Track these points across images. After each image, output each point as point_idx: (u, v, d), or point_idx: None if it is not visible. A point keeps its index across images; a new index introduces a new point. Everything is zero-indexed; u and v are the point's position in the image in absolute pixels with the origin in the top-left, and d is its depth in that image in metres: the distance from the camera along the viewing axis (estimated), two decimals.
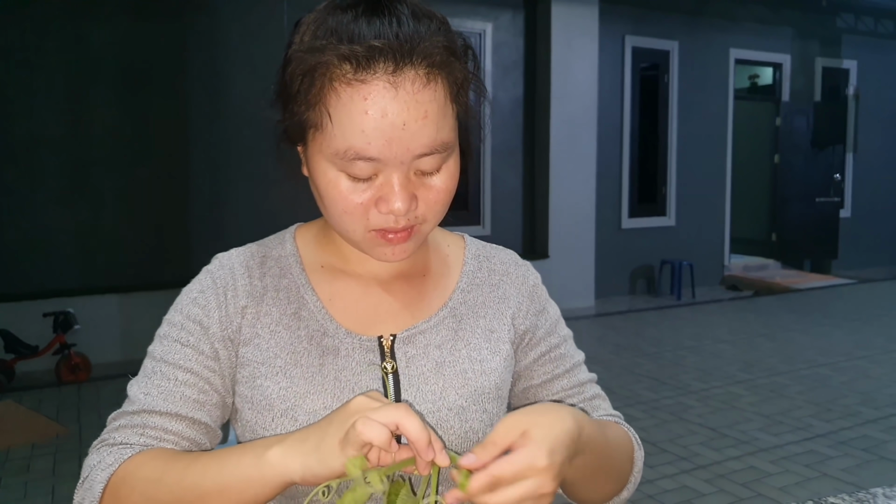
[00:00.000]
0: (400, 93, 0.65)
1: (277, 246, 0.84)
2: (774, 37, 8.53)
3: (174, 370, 0.74)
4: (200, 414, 0.74)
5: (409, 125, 0.66)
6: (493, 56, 6.69)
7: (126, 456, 0.70)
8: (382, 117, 0.65)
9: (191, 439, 0.74)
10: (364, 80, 0.65)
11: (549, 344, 0.87)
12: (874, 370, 4.67)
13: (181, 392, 0.74)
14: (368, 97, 0.65)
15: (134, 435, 0.72)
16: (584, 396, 0.88)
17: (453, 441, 0.77)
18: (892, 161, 9.44)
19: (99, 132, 5.15)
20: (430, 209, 0.72)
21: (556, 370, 0.87)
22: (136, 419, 0.73)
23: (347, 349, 0.78)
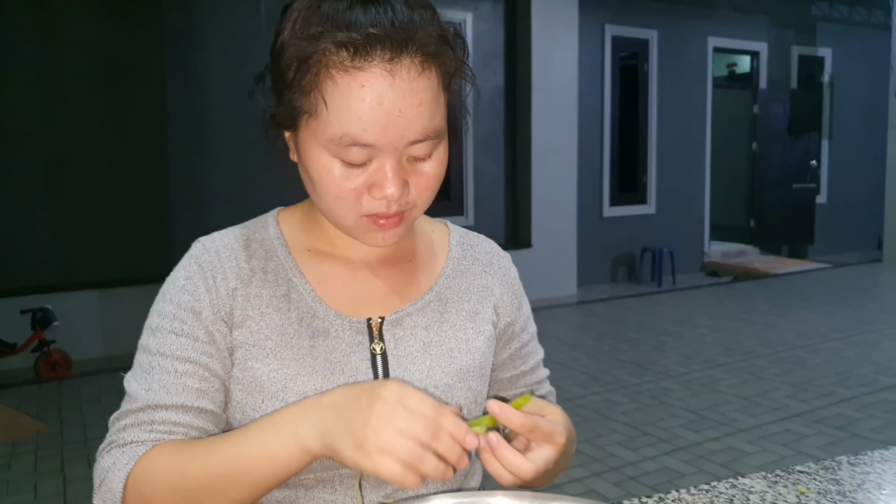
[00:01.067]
0: (396, 80, 0.66)
1: (260, 229, 0.83)
2: (751, 25, 8.62)
3: (172, 362, 0.74)
4: (205, 402, 0.74)
5: (404, 112, 0.67)
6: (473, 46, 6.68)
7: (140, 453, 0.70)
8: (379, 104, 0.66)
9: (199, 428, 0.74)
10: (361, 67, 0.66)
11: (522, 341, 0.92)
12: (848, 351, 4.76)
13: (183, 383, 0.74)
14: (366, 84, 0.66)
15: (143, 432, 0.72)
16: (540, 393, 0.94)
17: None
18: (866, 147, 9.58)
19: (76, 127, 5.09)
20: (421, 195, 0.74)
21: (522, 367, 0.92)
22: (141, 416, 0.72)
23: (337, 331, 0.79)
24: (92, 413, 3.80)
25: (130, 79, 5.21)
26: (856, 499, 0.84)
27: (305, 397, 0.70)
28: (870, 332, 5.30)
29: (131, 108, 5.23)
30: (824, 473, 0.91)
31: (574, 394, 3.99)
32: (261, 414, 0.74)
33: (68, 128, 5.08)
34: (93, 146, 5.15)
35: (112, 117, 5.18)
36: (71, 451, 3.28)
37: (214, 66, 5.36)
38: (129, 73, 5.20)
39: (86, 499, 2.79)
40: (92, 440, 3.41)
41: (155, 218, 5.28)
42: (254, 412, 0.75)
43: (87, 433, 3.51)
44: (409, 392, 0.61)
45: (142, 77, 5.26)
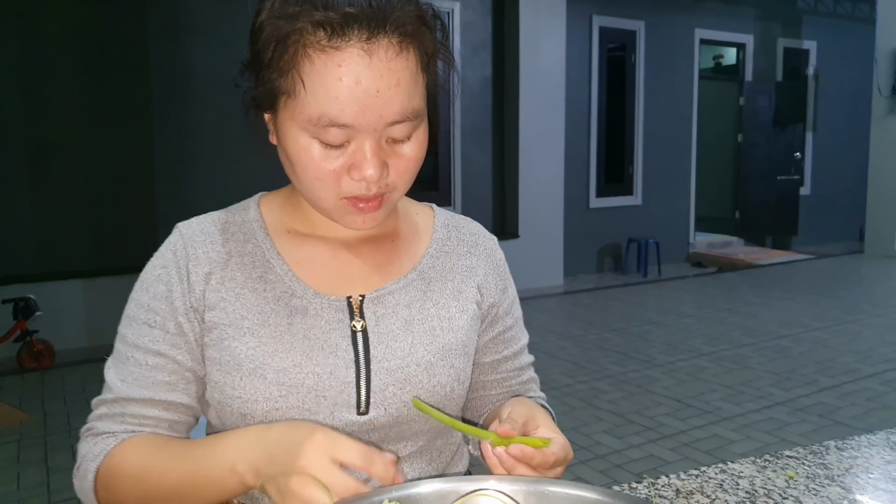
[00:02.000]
0: (374, 60, 0.66)
1: (241, 212, 0.84)
2: (738, 17, 8.65)
3: (145, 355, 0.77)
4: (174, 395, 0.77)
5: (382, 92, 0.66)
6: (461, 35, 6.66)
7: (110, 447, 0.74)
8: (356, 84, 0.66)
9: (169, 420, 0.77)
10: (338, 46, 0.65)
11: (505, 324, 0.91)
12: (830, 340, 4.82)
13: (153, 377, 0.76)
14: (343, 64, 0.65)
15: (115, 423, 0.76)
16: (522, 379, 0.93)
17: (421, 394, 0.79)
18: (850, 140, 9.66)
19: (59, 114, 5.01)
20: (401, 177, 0.74)
21: (505, 351, 0.91)
22: (115, 407, 0.76)
23: (316, 309, 0.79)
24: (75, 403, 3.77)
25: (115, 66, 5.14)
26: (844, 483, 0.85)
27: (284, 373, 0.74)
28: (851, 321, 5.37)
29: (115, 96, 5.16)
30: (812, 458, 0.92)
31: (560, 382, 4.01)
32: (240, 392, 0.75)
33: (51, 115, 5.00)
34: (77, 134, 5.07)
35: (96, 104, 5.11)
36: (54, 441, 3.25)
37: (200, 53, 5.30)
38: (113, 60, 5.13)
39: (69, 489, 2.76)
40: (76, 430, 3.35)
41: (139, 206, 5.23)
42: (232, 390, 0.75)
43: (70, 423, 3.48)
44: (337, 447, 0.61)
45: (126, 64, 5.18)
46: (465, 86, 6.73)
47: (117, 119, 5.18)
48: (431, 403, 0.80)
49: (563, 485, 0.55)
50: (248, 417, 0.75)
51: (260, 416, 0.75)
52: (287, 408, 0.75)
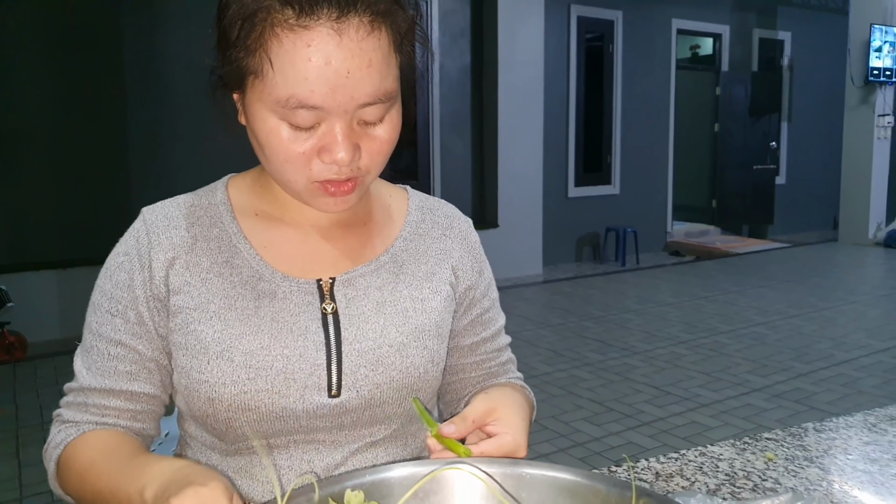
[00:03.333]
0: (344, 40, 0.64)
1: (208, 195, 0.82)
2: (714, 8, 8.70)
3: (106, 345, 0.76)
4: (136, 385, 0.76)
5: (353, 73, 0.64)
6: (440, 24, 6.61)
7: (70, 437, 0.75)
8: (326, 65, 0.63)
9: (131, 410, 0.77)
10: (307, 25, 0.63)
11: (482, 307, 0.90)
12: (806, 327, 4.89)
13: (114, 367, 0.76)
14: (312, 44, 0.63)
15: (79, 412, 0.77)
16: (501, 360, 0.92)
17: (394, 376, 0.78)
18: (824, 129, 9.78)
19: (29, 101, 4.90)
20: (373, 160, 0.72)
21: (483, 333, 0.90)
22: (79, 397, 0.77)
23: (284, 292, 0.77)
24: (48, 396, 3.70)
25: (86, 54, 5.03)
26: (823, 464, 0.85)
27: (251, 356, 0.73)
28: (826, 308, 5.45)
29: (87, 84, 5.05)
30: (791, 440, 0.92)
31: (540, 371, 4.01)
32: (206, 376, 0.74)
33: (22, 105, 4.89)
34: (48, 123, 4.96)
35: (68, 93, 4.99)
36: (26, 434, 3.19)
37: (173, 41, 5.20)
38: (84, 45, 5.02)
39: (41, 483, 2.72)
40: (48, 423, 3.30)
41: (112, 196, 5.14)
42: (199, 374, 0.74)
43: (43, 416, 3.42)
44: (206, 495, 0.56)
45: (98, 52, 5.08)
46: (443, 75, 6.70)
47: (89, 108, 5.07)
48: (405, 385, 0.78)
49: (540, 466, 0.54)
50: (216, 402, 0.73)
51: (228, 400, 0.73)
52: (255, 391, 0.73)
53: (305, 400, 0.74)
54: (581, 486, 0.52)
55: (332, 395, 0.75)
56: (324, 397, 0.75)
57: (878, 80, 8.13)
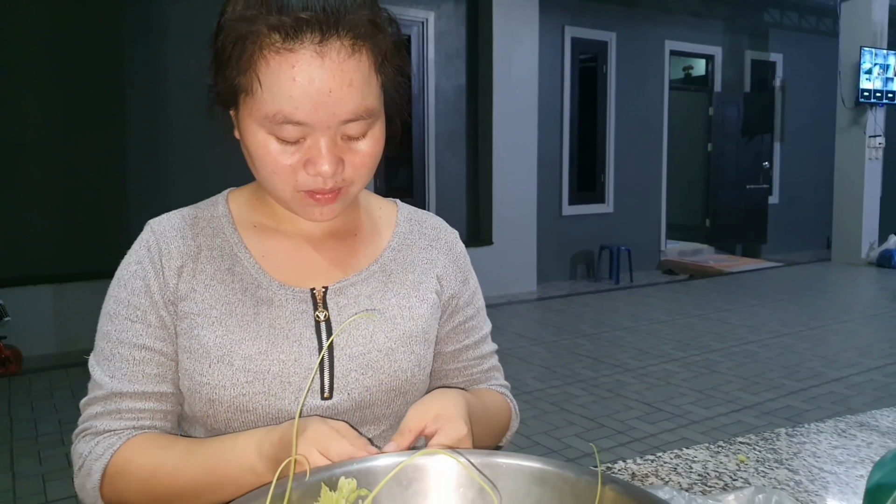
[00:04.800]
0: (326, 62, 0.68)
1: (210, 208, 0.87)
2: (706, 30, 8.83)
3: (131, 350, 0.79)
4: (164, 386, 0.80)
5: (334, 92, 0.69)
6: (435, 44, 6.71)
7: (116, 445, 0.77)
8: (309, 84, 0.68)
9: (163, 410, 0.81)
10: (292, 49, 0.68)
11: (466, 314, 0.94)
12: (797, 345, 4.93)
13: (142, 370, 0.79)
14: (296, 65, 0.68)
15: (113, 421, 0.78)
16: (483, 368, 0.96)
17: (383, 379, 0.82)
18: (817, 149, 9.90)
19: (28, 115, 4.96)
20: (357, 172, 0.76)
21: (466, 340, 0.94)
22: (109, 405, 0.78)
23: (281, 300, 0.81)
24: (43, 409, 3.71)
25: (85, 68, 5.10)
26: (792, 466, 0.89)
27: (250, 360, 0.77)
28: (818, 327, 5.49)
29: (86, 96, 5.11)
30: (763, 444, 0.96)
31: (532, 387, 4.04)
32: (208, 379, 0.77)
33: (21, 118, 4.94)
34: (47, 137, 5.02)
35: (67, 107, 5.06)
36: (21, 447, 3.20)
37: (172, 55, 5.27)
38: (84, 59, 5.09)
39: (35, 495, 2.73)
40: (42, 436, 3.33)
41: (110, 211, 5.18)
42: (201, 377, 0.78)
43: (37, 429, 3.43)
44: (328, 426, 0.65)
45: (97, 66, 5.14)
46: (439, 94, 6.79)
47: (88, 122, 5.13)
48: (393, 388, 0.83)
49: (512, 456, 0.58)
50: (216, 403, 0.77)
51: (227, 402, 0.77)
52: (253, 393, 0.77)
53: (299, 402, 0.78)
54: (550, 473, 0.56)
55: (324, 398, 0.80)
56: (317, 399, 0.79)
57: (869, 101, 8.25)
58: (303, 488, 0.55)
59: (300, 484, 0.55)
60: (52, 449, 3.20)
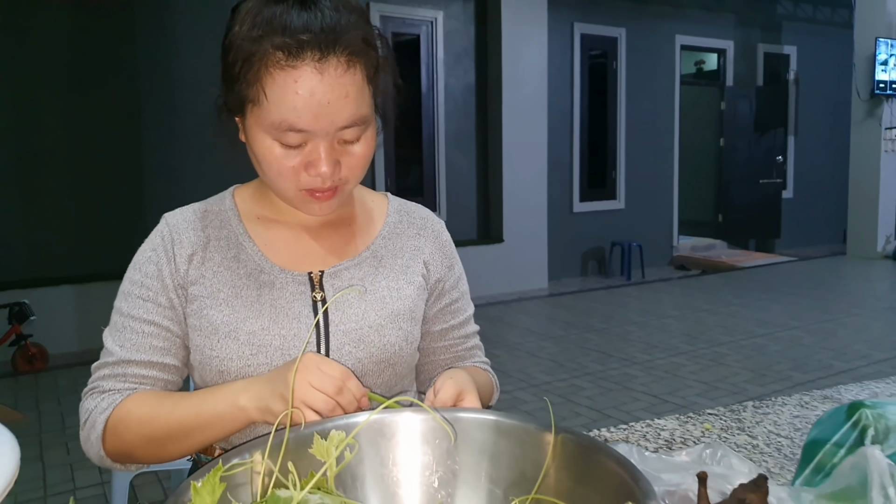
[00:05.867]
0: (325, 76, 0.78)
1: (218, 202, 0.98)
2: (718, 24, 8.83)
3: (140, 324, 0.90)
4: (167, 358, 0.91)
5: (332, 103, 0.79)
6: (444, 44, 6.80)
7: (117, 401, 0.87)
8: (310, 96, 0.78)
9: (164, 379, 0.91)
10: (295, 65, 0.77)
11: (452, 297, 1.04)
12: (806, 339, 4.95)
13: (149, 343, 0.90)
14: (299, 80, 0.78)
15: (118, 382, 0.89)
16: (467, 346, 1.06)
17: (373, 352, 0.92)
18: (832, 143, 9.84)
19: (48, 122, 5.11)
20: (352, 172, 0.86)
21: (452, 321, 1.04)
22: (116, 369, 0.89)
23: (282, 283, 0.92)
24: (69, 403, 3.85)
25: (104, 74, 5.24)
26: (753, 433, 0.97)
27: (254, 335, 0.87)
28: (828, 320, 5.51)
29: (105, 105, 5.26)
30: (730, 415, 1.04)
31: (540, 380, 4.12)
32: (217, 353, 0.88)
33: (42, 123, 5.10)
34: (67, 141, 5.17)
35: (86, 113, 5.21)
36: (49, 438, 3.34)
37: (187, 62, 5.40)
38: (101, 70, 5.23)
39: (64, 482, 2.86)
40: (69, 428, 3.47)
41: (128, 214, 5.32)
42: (211, 351, 0.88)
43: (64, 422, 3.57)
44: (323, 359, 0.75)
45: (115, 72, 5.29)
46: (448, 93, 6.87)
47: (107, 127, 5.28)
48: (383, 360, 0.92)
49: (475, 412, 0.68)
50: (225, 374, 0.88)
51: (235, 373, 0.87)
52: (257, 364, 0.87)
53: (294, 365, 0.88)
54: (511, 425, 0.65)
55: None
56: None
57: (885, 93, 8.20)
58: (298, 439, 0.64)
59: (296, 434, 0.64)
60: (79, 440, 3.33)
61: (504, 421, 0.66)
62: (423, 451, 0.67)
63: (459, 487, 0.65)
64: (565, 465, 0.61)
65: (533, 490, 0.62)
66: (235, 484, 0.59)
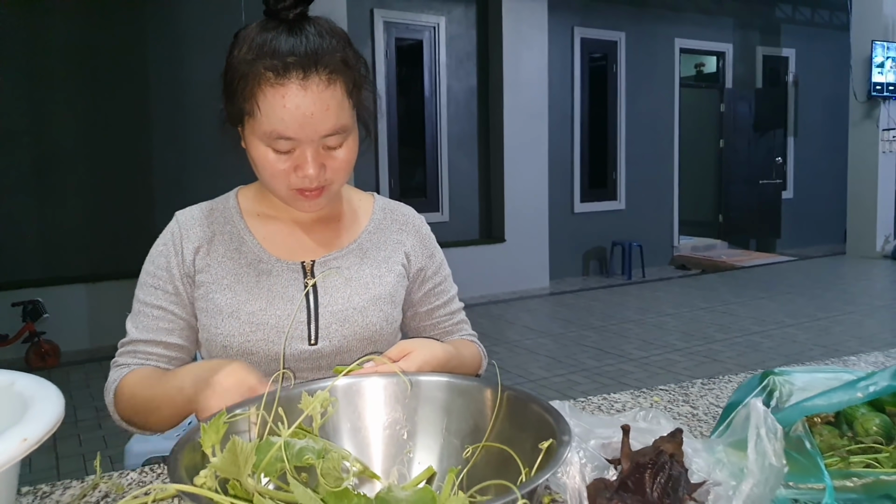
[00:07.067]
0: (308, 92, 0.91)
1: (223, 201, 1.13)
2: (717, 27, 8.93)
3: (151, 309, 1.05)
4: (171, 337, 1.06)
5: (315, 115, 0.92)
6: (447, 48, 6.93)
7: (124, 374, 1.03)
8: (296, 109, 0.91)
9: (168, 356, 1.06)
10: (282, 83, 0.91)
11: (435, 281, 1.18)
12: (800, 336, 5.06)
13: (156, 325, 1.05)
14: (286, 95, 0.91)
15: (130, 358, 1.05)
16: (453, 321, 1.20)
17: (357, 331, 1.05)
18: (831, 143, 9.92)
19: (63, 124, 5.28)
20: (336, 174, 1.00)
21: (437, 301, 1.19)
22: (129, 347, 1.05)
23: (278, 271, 1.06)
24: (80, 398, 4.00)
25: (115, 79, 5.41)
26: (696, 405, 1.09)
27: (254, 315, 1.01)
28: (823, 318, 5.61)
29: (117, 107, 5.42)
30: (679, 390, 1.17)
31: (537, 375, 4.24)
32: (221, 331, 1.02)
33: (56, 126, 5.26)
34: (79, 144, 5.33)
35: (98, 116, 5.37)
36: (62, 430, 3.43)
37: (197, 68, 5.55)
38: (113, 73, 5.40)
39: (76, 471, 3.00)
40: (81, 421, 3.61)
41: (139, 215, 5.47)
42: (216, 329, 1.03)
43: (76, 415, 3.71)
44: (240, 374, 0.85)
45: (127, 77, 5.45)
46: (451, 96, 7.01)
47: (120, 130, 5.44)
48: (366, 338, 1.06)
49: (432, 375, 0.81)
50: (228, 349, 1.02)
51: (236, 348, 1.01)
52: (256, 340, 1.01)
53: (292, 347, 1.03)
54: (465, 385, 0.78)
55: (311, 344, 1.03)
56: (305, 345, 1.03)
57: (882, 95, 8.30)
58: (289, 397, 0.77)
59: (286, 392, 0.77)
60: (91, 432, 3.48)
61: (457, 382, 0.79)
62: (394, 409, 0.79)
63: (423, 438, 0.78)
64: (507, 416, 0.74)
65: (483, 439, 0.75)
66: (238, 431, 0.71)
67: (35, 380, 0.73)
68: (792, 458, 0.75)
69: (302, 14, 0.94)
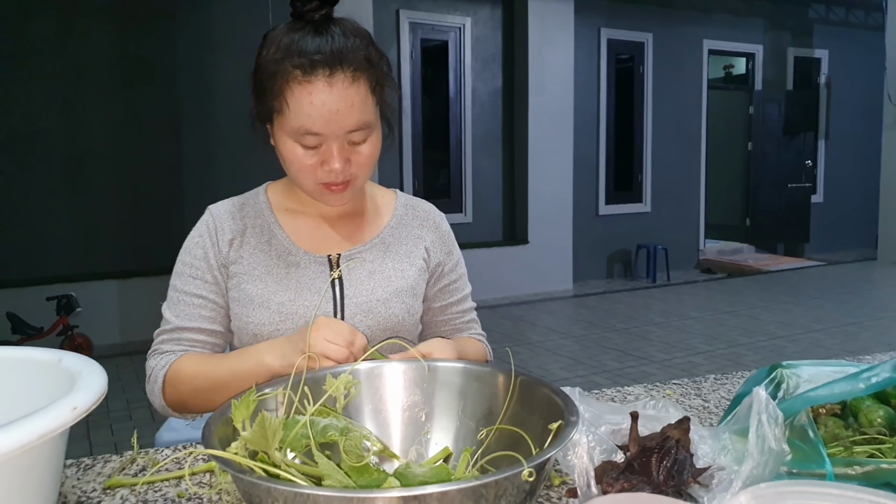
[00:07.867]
0: (334, 89, 0.96)
1: (253, 196, 1.18)
2: (747, 28, 8.84)
3: (190, 297, 1.10)
4: (213, 325, 1.11)
5: (341, 111, 0.97)
6: (472, 49, 6.97)
7: (173, 360, 1.07)
8: (322, 106, 0.96)
9: (211, 343, 1.11)
10: (309, 80, 0.96)
11: (451, 279, 1.23)
12: (826, 341, 5.00)
13: (198, 313, 1.10)
14: (313, 93, 0.96)
15: (173, 345, 1.09)
16: (465, 319, 1.25)
17: (380, 321, 1.10)
18: (863, 147, 9.74)
19: (95, 124, 5.43)
20: (360, 169, 1.05)
21: (451, 298, 1.23)
22: (173, 335, 1.09)
23: (306, 263, 1.11)
24: (113, 390, 4.08)
25: (147, 78, 5.54)
26: (707, 398, 1.12)
27: (283, 305, 1.06)
28: (851, 323, 5.53)
29: (148, 106, 5.56)
30: (692, 385, 1.19)
31: (559, 376, 4.26)
32: (252, 320, 1.07)
33: (89, 126, 5.41)
34: (112, 143, 5.48)
35: (130, 115, 5.51)
36: (95, 420, 3.58)
37: (226, 67, 5.67)
38: (145, 73, 5.54)
39: None
40: (113, 412, 3.72)
41: (168, 213, 5.60)
42: (247, 318, 1.08)
43: (108, 406, 3.81)
44: (333, 320, 0.94)
45: (158, 77, 5.59)
46: (475, 98, 7.05)
47: (151, 130, 5.58)
48: (388, 328, 1.11)
49: (448, 361, 0.85)
50: (258, 337, 1.07)
51: (266, 336, 1.06)
52: (285, 330, 1.06)
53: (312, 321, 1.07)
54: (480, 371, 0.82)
55: None
56: None
57: None
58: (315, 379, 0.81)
59: (313, 375, 0.81)
60: (122, 422, 3.58)
61: (472, 367, 0.83)
62: (413, 392, 0.84)
63: (439, 420, 0.82)
64: (519, 399, 0.78)
65: (497, 421, 0.79)
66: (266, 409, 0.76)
67: (80, 357, 0.79)
68: (795, 445, 0.78)
69: (327, 15, 0.99)
